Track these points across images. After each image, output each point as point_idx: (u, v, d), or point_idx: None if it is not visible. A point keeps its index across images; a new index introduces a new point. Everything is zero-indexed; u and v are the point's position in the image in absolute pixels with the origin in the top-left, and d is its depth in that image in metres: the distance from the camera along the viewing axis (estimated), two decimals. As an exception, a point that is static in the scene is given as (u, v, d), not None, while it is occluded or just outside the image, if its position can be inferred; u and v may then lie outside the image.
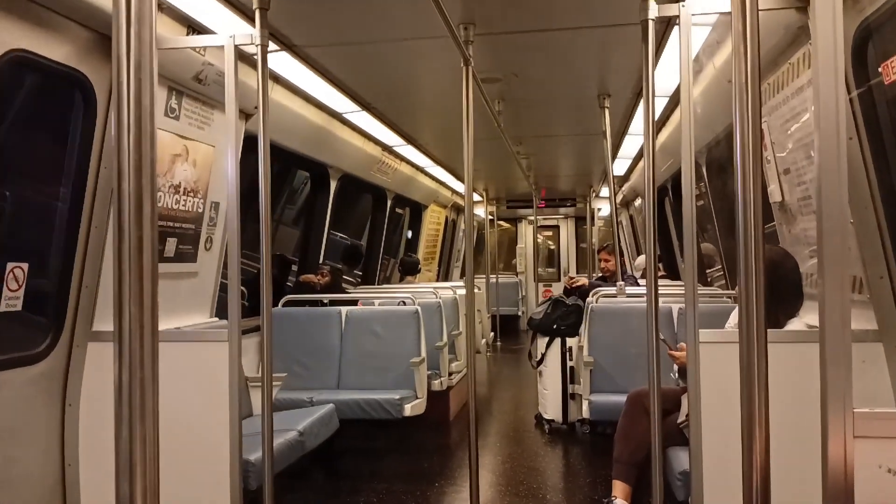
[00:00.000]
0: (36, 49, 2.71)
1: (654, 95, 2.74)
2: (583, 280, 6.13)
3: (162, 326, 3.57)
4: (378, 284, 8.60)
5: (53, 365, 3.09)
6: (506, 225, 14.51)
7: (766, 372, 1.33)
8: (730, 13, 1.50)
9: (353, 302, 6.02)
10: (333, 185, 6.53)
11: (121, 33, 0.80)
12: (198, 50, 3.30)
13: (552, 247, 14.35)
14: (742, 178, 1.36)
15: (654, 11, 2.65)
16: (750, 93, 1.39)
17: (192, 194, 3.70)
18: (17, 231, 3.52)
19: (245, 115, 3.92)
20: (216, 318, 4.12)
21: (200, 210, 3.81)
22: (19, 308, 2.93)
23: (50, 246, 3.24)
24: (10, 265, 2.87)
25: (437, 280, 11.18)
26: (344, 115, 5.42)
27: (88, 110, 3.07)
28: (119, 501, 0.79)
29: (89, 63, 2.96)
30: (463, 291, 6.76)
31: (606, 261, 6.41)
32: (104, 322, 3.19)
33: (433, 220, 10.66)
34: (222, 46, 2.90)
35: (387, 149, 6.91)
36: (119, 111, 0.80)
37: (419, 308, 5.38)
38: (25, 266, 2.93)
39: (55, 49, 2.80)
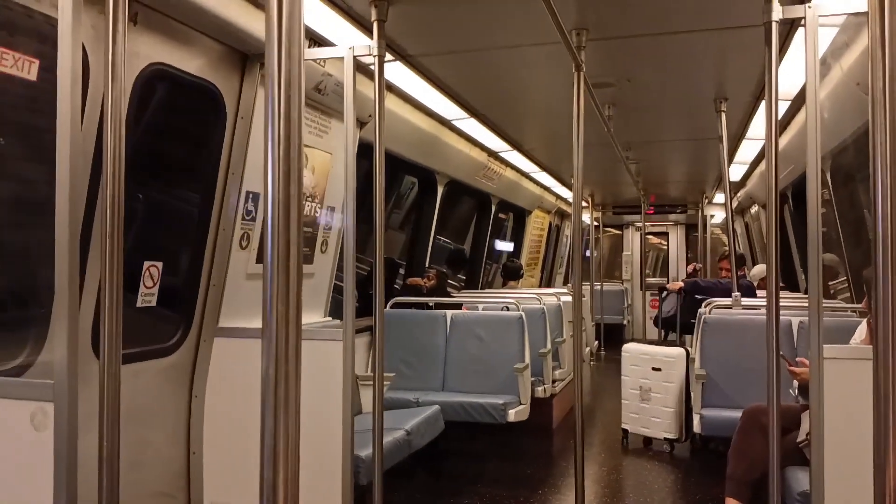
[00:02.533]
0: (173, 62, 2.92)
1: (777, 99, 2.63)
2: (678, 284, 6.12)
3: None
4: (481, 289, 8.64)
5: (182, 358, 3.30)
6: (612, 231, 14.24)
7: (903, 392, 1.26)
8: (864, 13, 1.43)
9: (458, 305, 6.09)
10: (440, 190, 6.63)
11: (272, 51, 0.86)
12: (318, 61, 3.44)
13: (661, 254, 13.96)
14: (880, 188, 1.29)
15: (777, 13, 2.55)
16: (889, 98, 1.32)
17: (310, 199, 3.86)
18: (152, 232, 3.78)
19: (360, 122, 4.05)
20: (329, 318, 4.27)
21: (317, 214, 3.97)
22: (154, 304, 3.16)
23: (181, 246, 3.47)
24: (146, 264, 3.09)
25: (540, 286, 11.11)
26: (452, 122, 5.50)
27: (218, 119, 3.27)
28: (263, 487, 0.85)
29: (219, 74, 3.16)
30: (567, 298, 6.70)
31: (727, 270, 6.24)
32: (230, 318, 3.38)
33: (537, 225, 10.62)
34: (342, 58, 3.02)
35: (493, 154, 6.95)
36: (270, 124, 0.86)
37: (523, 314, 5.37)
38: (160, 265, 3.15)
39: (190, 62, 3.01)
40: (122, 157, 1.89)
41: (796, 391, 3.37)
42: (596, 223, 12.28)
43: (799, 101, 4.66)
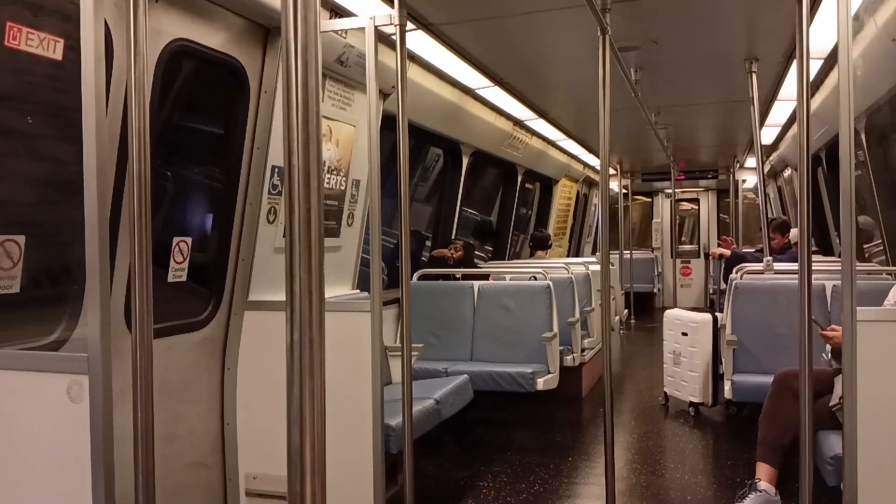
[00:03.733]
0: (196, 38, 2.93)
1: (808, 56, 2.56)
2: (722, 250, 5.99)
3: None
4: (508, 260, 8.63)
5: (214, 331, 3.36)
6: (641, 199, 14.09)
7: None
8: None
9: (485, 276, 6.09)
10: (465, 161, 6.60)
11: (288, 19, 0.86)
12: (340, 33, 3.42)
13: (693, 221, 13.79)
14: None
15: (809, -33, 2.48)
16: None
17: (335, 172, 3.87)
18: (180, 208, 3.83)
19: (384, 94, 4.04)
20: (357, 290, 4.31)
21: (343, 188, 3.99)
22: (184, 279, 3.21)
23: (209, 222, 3.51)
24: (175, 239, 3.14)
25: (568, 256, 11.06)
26: (476, 91, 5.45)
27: (242, 94, 3.28)
28: (290, 449, 0.87)
29: (242, 49, 3.16)
30: (596, 268, 6.67)
31: (772, 238, 6.11)
32: (259, 292, 3.43)
33: (564, 194, 10.54)
34: (363, 28, 3.00)
35: (518, 123, 6.89)
36: (288, 93, 0.86)
37: (551, 283, 5.36)
38: (189, 240, 3.19)
39: (212, 37, 3.01)
40: (147, 134, 1.91)
41: (829, 355, 3.32)
42: (625, 191, 12.15)
43: (832, 59, 4.54)
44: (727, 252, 6.40)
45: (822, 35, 3.85)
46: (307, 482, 0.85)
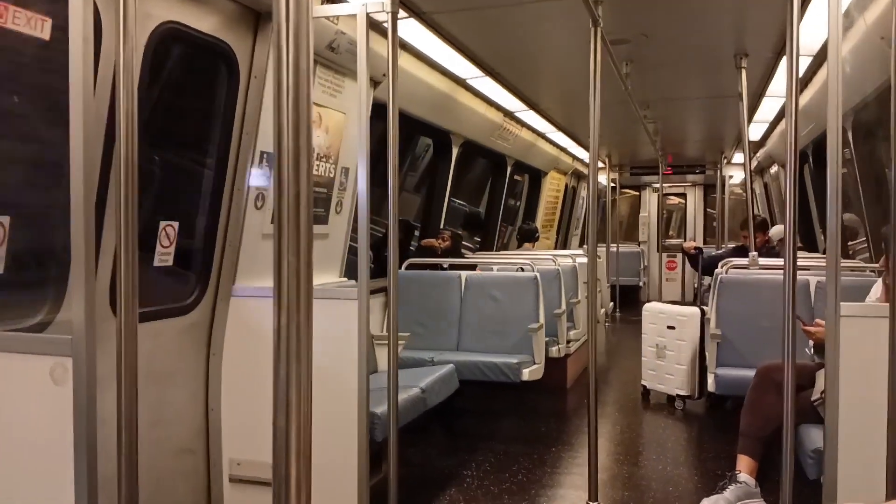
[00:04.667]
0: (186, 21, 2.90)
1: (798, 53, 2.57)
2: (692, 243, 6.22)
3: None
4: (496, 251, 8.64)
5: (200, 317, 3.34)
6: (629, 192, 14.13)
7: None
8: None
9: (473, 266, 6.10)
10: (455, 151, 6.59)
11: (280, 3, 0.85)
12: (331, 19, 3.40)
13: (677, 215, 13.86)
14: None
15: (801, -37, 2.48)
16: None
17: (324, 159, 3.86)
18: (168, 192, 3.80)
19: (374, 82, 4.01)
20: (345, 279, 4.30)
21: (332, 175, 3.97)
22: (171, 263, 3.19)
23: (197, 207, 3.49)
24: (162, 223, 3.12)
25: (556, 248, 11.08)
26: (467, 81, 5.44)
27: (231, 78, 3.26)
28: (276, 434, 0.87)
29: (232, 34, 3.14)
30: (582, 260, 6.69)
31: (756, 236, 6.16)
32: (246, 278, 3.41)
33: (553, 186, 10.55)
34: (354, 15, 2.98)
35: (508, 115, 6.89)
36: (279, 77, 0.86)
37: (538, 275, 5.38)
38: (176, 224, 3.17)
39: (202, 21, 2.98)
40: (134, 117, 1.89)
41: (811, 350, 3.36)
42: (613, 184, 12.18)
43: (821, 56, 4.56)
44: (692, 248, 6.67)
45: (811, 32, 3.87)
46: (292, 467, 0.85)
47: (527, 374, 4.88)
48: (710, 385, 4.58)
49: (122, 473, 1.92)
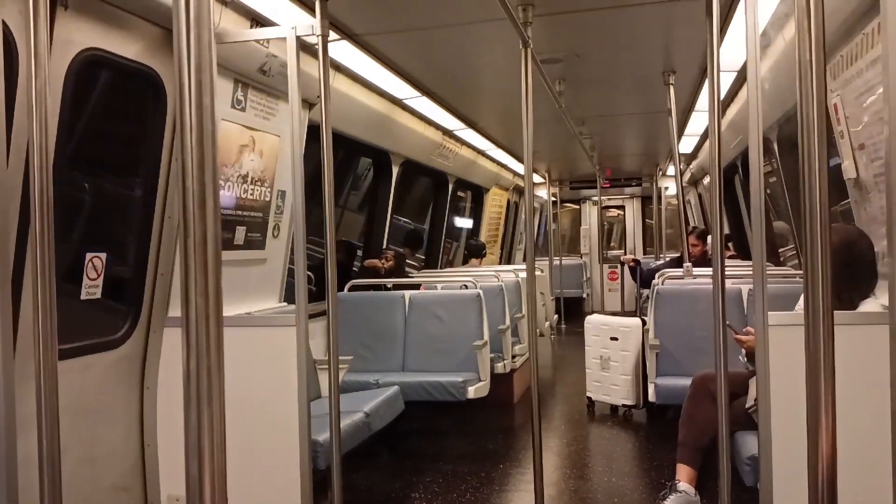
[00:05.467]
0: (109, 47, 2.83)
1: (719, 71, 2.67)
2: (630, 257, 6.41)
3: (232, 312, 3.72)
4: (441, 268, 8.65)
5: (132, 349, 3.24)
6: (570, 206, 14.35)
7: (832, 355, 1.29)
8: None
9: (416, 285, 6.09)
10: (395, 170, 6.59)
11: (181, 31, 0.83)
12: (261, 42, 3.37)
13: (618, 227, 14.14)
14: (807, 156, 1.31)
15: (718, -16, 2.57)
16: (814, 71, 1.35)
17: (259, 183, 3.80)
18: (97, 222, 3.68)
19: (308, 104, 3.99)
20: (285, 303, 4.23)
21: (268, 199, 3.91)
22: (98, 296, 3.08)
23: (127, 236, 3.39)
24: (88, 255, 3.01)
25: (500, 263, 11.16)
26: (404, 102, 5.45)
27: (159, 105, 3.19)
28: (189, 482, 0.84)
29: (158, 59, 3.07)
30: (525, 274, 6.75)
31: (695, 245, 6.33)
32: (179, 308, 3.32)
33: (495, 202, 10.64)
34: (284, 38, 2.96)
35: (447, 133, 6.93)
36: (182, 110, 0.84)
37: (481, 292, 5.39)
38: (104, 256, 3.07)
39: (126, 47, 2.91)
40: (49, 147, 1.83)
41: (744, 358, 3.44)
42: (554, 199, 12.35)
43: (744, 73, 4.72)
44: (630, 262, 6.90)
45: (735, 49, 4.01)
46: (207, 516, 0.82)
47: (472, 391, 4.87)
48: (651, 395, 4.66)
49: (46, 518, 1.84)
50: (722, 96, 4.11)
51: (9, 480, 1.72)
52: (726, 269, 2.77)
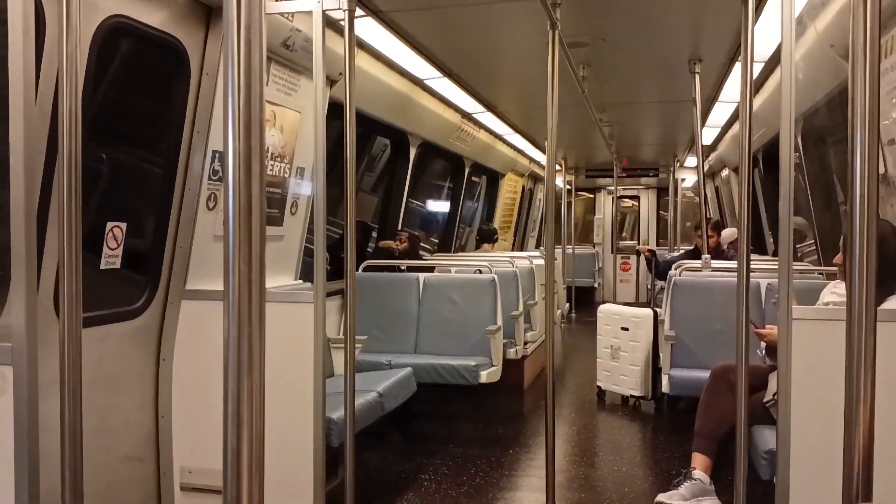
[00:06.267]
0: (134, 15, 2.80)
1: (752, 58, 2.61)
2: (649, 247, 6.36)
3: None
4: (453, 253, 8.63)
5: (149, 321, 3.24)
6: (584, 195, 14.28)
7: (873, 350, 1.27)
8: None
9: (431, 268, 6.07)
10: (413, 152, 6.56)
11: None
12: (286, 16, 3.33)
13: (630, 217, 14.06)
14: (859, 150, 1.27)
15: (755, -29, 2.52)
16: (868, 59, 1.30)
17: (279, 159, 3.78)
18: (116, 192, 3.67)
19: (330, 81, 3.95)
20: (300, 281, 4.22)
21: (287, 175, 3.89)
22: (118, 266, 3.08)
23: (146, 207, 3.38)
24: (109, 224, 3.01)
25: (513, 249, 11.12)
26: (425, 82, 5.41)
27: (182, 75, 3.16)
28: (227, 450, 0.82)
29: (183, 29, 3.05)
30: (539, 261, 6.72)
31: (710, 237, 6.27)
32: (197, 281, 3.32)
33: (510, 188, 10.59)
34: (310, 12, 2.92)
35: (466, 116, 6.88)
36: (229, 73, 0.81)
37: (496, 277, 5.37)
38: (124, 225, 3.06)
39: (151, 15, 2.89)
40: (78, 114, 1.81)
41: (763, 352, 3.42)
42: (569, 187, 12.28)
43: (772, 62, 4.66)
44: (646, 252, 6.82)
45: (763, 38, 3.95)
46: (244, 485, 0.81)
47: (484, 376, 4.87)
48: (665, 386, 4.63)
49: (65, 483, 1.84)
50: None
51: (30, 446, 1.72)
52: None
